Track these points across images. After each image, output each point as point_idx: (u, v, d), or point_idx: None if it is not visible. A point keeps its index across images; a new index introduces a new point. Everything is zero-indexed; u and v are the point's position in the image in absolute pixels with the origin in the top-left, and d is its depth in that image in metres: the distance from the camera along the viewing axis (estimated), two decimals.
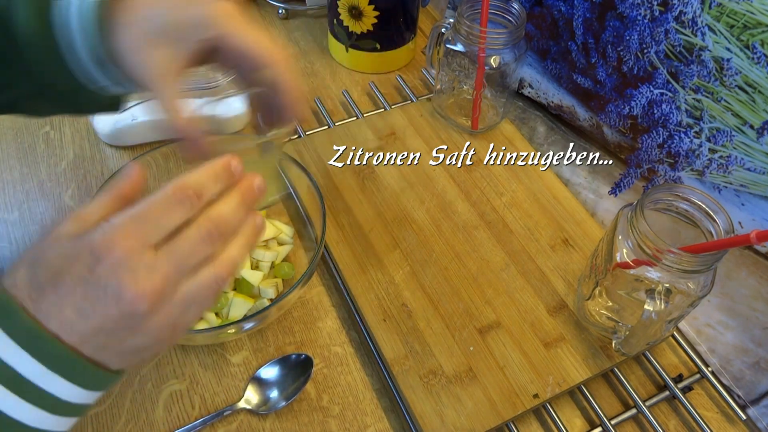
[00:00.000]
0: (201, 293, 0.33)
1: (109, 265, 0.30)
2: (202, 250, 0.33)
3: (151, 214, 0.32)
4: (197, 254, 0.33)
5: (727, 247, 0.42)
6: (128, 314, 0.31)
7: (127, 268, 0.31)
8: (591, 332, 0.54)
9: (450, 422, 0.49)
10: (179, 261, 0.32)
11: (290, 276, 0.57)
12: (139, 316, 0.31)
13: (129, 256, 0.31)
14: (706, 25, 0.51)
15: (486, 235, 0.61)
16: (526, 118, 0.73)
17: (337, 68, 0.81)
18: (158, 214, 0.32)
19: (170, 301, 0.32)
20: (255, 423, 0.50)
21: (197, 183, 0.33)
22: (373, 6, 0.72)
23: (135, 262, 0.31)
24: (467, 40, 0.63)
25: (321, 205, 0.53)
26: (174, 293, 0.32)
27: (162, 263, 0.32)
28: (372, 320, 0.54)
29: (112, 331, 0.32)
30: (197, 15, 0.39)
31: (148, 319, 0.32)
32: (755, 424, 0.52)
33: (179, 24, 0.39)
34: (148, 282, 0.31)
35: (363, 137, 0.69)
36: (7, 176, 0.66)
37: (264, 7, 0.89)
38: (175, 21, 0.39)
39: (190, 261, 0.33)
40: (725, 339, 0.54)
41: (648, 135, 0.59)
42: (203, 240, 0.33)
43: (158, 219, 0.32)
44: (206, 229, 0.33)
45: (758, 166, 0.51)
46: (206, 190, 0.34)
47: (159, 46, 0.38)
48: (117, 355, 0.33)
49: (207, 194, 0.34)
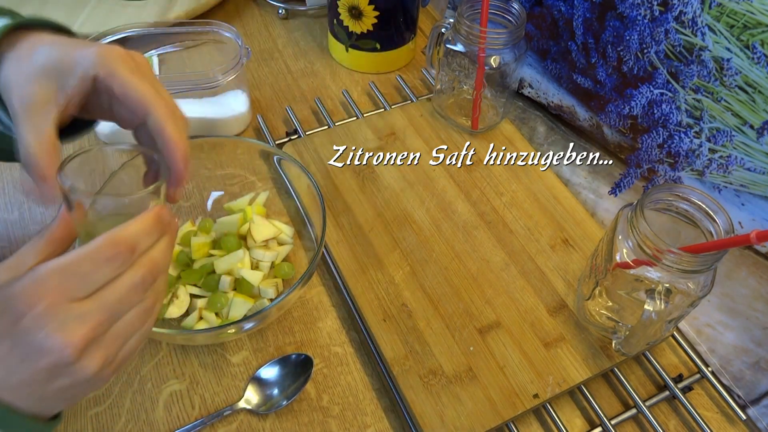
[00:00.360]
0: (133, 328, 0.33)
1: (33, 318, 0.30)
2: (134, 297, 0.33)
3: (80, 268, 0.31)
4: (129, 301, 0.32)
5: (727, 247, 0.42)
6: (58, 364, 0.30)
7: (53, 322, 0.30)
8: (591, 332, 0.54)
9: (450, 422, 0.49)
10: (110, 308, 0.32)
11: (290, 276, 0.57)
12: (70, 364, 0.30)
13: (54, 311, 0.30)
14: (706, 25, 0.51)
15: (486, 235, 0.61)
16: (526, 118, 0.73)
17: (337, 68, 0.81)
18: (87, 269, 0.31)
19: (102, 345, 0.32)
20: (255, 423, 0.50)
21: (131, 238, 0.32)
22: (373, 6, 0.72)
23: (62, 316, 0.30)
24: (467, 40, 0.63)
25: (321, 205, 0.53)
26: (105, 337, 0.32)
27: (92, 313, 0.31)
28: (372, 320, 0.54)
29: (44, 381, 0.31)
30: (85, 53, 0.37)
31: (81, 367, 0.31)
32: (755, 424, 0.52)
33: (65, 60, 0.37)
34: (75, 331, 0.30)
35: (363, 137, 0.69)
36: (7, 176, 0.66)
37: (264, 7, 0.89)
38: (62, 57, 0.37)
39: (123, 307, 0.32)
40: (725, 339, 0.54)
41: (648, 135, 0.59)
42: (136, 286, 0.32)
43: (87, 274, 0.31)
44: (141, 276, 0.33)
45: (758, 166, 0.51)
46: (139, 245, 0.33)
47: (41, 80, 0.37)
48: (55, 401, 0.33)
49: (140, 249, 0.33)
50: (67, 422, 0.49)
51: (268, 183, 0.63)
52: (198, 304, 0.54)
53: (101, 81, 0.37)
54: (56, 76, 0.37)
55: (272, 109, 0.75)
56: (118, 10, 0.80)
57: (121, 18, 0.79)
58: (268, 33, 0.86)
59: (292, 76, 0.79)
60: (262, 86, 0.78)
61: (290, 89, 0.78)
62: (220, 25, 0.68)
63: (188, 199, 0.61)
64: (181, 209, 0.60)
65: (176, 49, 0.74)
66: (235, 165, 0.61)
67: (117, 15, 0.80)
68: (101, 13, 0.80)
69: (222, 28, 0.68)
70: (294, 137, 0.69)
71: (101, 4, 0.81)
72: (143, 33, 0.68)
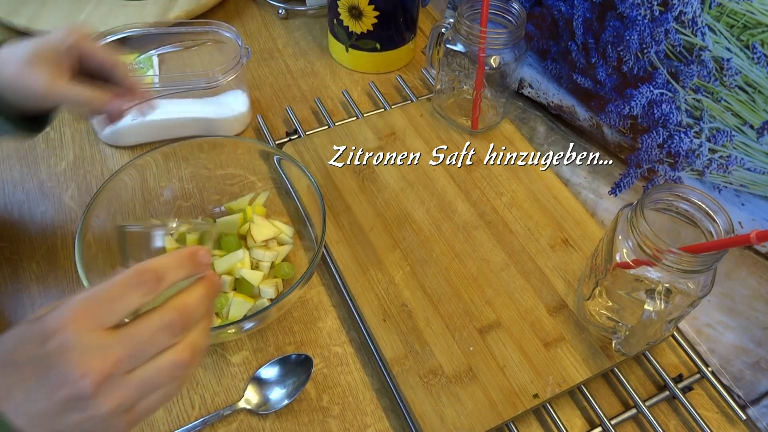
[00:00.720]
0: (159, 379, 0.32)
1: (58, 344, 0.30)
2: (162, 339, 0.32)
3: (107, 295, 0.31)
4: (156, 342, 0.32)
5: (727, 247, 0.42)
6: (74, 396, 0.30)
7: (76, 348, 0.30)
8: (591, 332, 0.54)
9: (450, 422, 0.49)
10: (135, 346, 0.31)
11: (290, 276, 0.57)
12: (86, 397, 0.30)
13: (79, 336, 0.30)
14: (706, 25, 0.51)
15: (486, 235, 0.61)
16: (526, 118, 0.73)
17: (337, 68, 0.81)
18: (114, 296, 0.31)
19: (121, 385, 0.31)
20: (255, 423, 0.50)
21: (159, 267, 0.32)
22: (373, 6, 0.72)
23: (85, 343, 0.30)
24: (467, 40, 0.63)
25: (321, 205, 0.53)
26: (127, 378, 0.31)
27: (115, 346, 0.30)
28: (372, 320, 0.54)
29: (59, 414, 0.30)
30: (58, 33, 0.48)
31: (97, 403, 0.30)
32: (755, 424, 0.52)
33: (46, 44, 0.47)
34: (96, 363, 0.30)
35: (363, 137, 0.69)
36: (7, 176, 0.66)
37: (264, 7, 0.89)
38: (42, 44, 0.47)
39: (148, 348, 0.32)
40: (725, 339, 0.54)
41: (648, 135, 0.59)
42: (164, 328, 0.32)
43: (113, 300, 0.31)
44: (170, 318, 0.32)
45: (758, 166, 0.51)
46: (168, 275, 0.33)
47: (39, 65, 0.46)
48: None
49: (168, 280, 0.33)
50: None
51: (268, 183, 0.63)
52: None
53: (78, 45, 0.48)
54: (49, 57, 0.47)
55: (272, 109, 0.75)
56: (118, 10, 0.80)
57: (121, 18, 0.79)
58: (268, 33, 0.86)
59: (292, 76, 0.79)
60: (262, 86, 0.78)
61: (290, 89, 0.78)
62: (220, 25, 0.68)
63: (188, 199, 0.61)
64: (181, 209, 0.60)
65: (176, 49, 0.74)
66: (235, 165, 0.61)
67: (117, 15, 0.80)
68: (101, 13, 0.80)
69: (222, 28, 0.68)
70: (294, 137, 0.69)
71: (101, 4, 0.81)
72: (143, 33, 0.68)
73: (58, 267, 0.59)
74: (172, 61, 0.75)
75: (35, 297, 0.57)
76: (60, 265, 0.59)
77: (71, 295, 0.31)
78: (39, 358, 0.30)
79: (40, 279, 0.58)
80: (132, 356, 0.31)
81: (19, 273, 0.58)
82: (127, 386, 0.31)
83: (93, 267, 0.49)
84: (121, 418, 0.31)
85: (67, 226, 0.62)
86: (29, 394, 0.30)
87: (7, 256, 0.60)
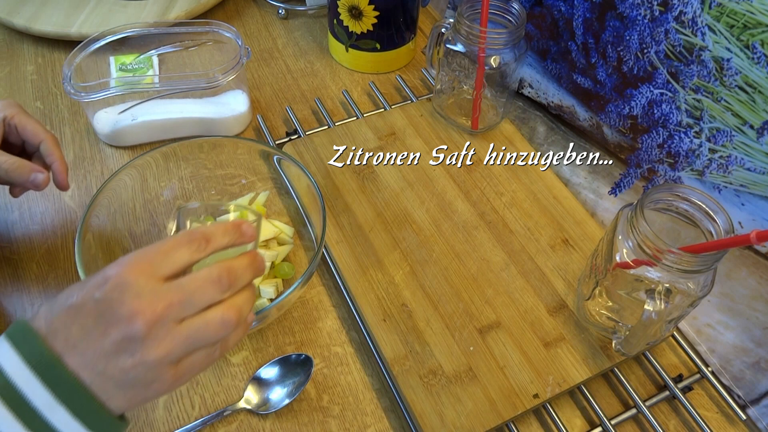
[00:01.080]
0: (206, 333, 0.34)
1: (115, 286, 0.32)
2: (210, 291, 0.34)
3: (162, 249, 0.34)
4: (205, 293, 0.34)
5: (727, 247, 0.42)
6: (126, 335, 0.32)
7: (132, 290, 0.32)
8: (591, 332, 0.54)
9: (450, 422, 0.49)
10: (186, 294, 0.34)
11: (290, 276, 0.57)
12: (138, 338, 0.32)
13: (135, 280, 0.33)
14: (706, 25, 0.51)
15: (486, 235, 0.61)
16: (526, 118, 0.73)
17: (337, 68, 0.81)
18: (168, 250, 0.34)
19: (171, 333, 0.33)
20: (255, 423, 0.50)
21: (208, 231, 0.36)
22: (373, 6, 0.72)
23: (140, 286, 0.33)
24: (467, 40, 0.63)
25: (321, 205, 0.53)
26: (177, 327, 0.33)
27: (167, 292, 0.33)
28: (372, 320, 0.54)
29: (111, 355, 0.32)
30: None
31: (147, 346, 0.32)
32: (755, 424, 0.52)
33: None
34: (149, 304, 0.32)
35: (363, 137, 0.69)
36: None
37: (264, 7, 0.89)
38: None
39: (197, 298, 0.34)
40: (725, 339, 0.54)
41: (648, 135, 0.59)
42: (213, 282, 0.35)
43: (167, 254, 0.34)
44: (218, 274, 0.35)
45: (758, 166, 0.51)
46: (215, 238, 0.36)
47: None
48: (116, 387, 0.33)
49: (215, 242, 0.36)
50: None
51: (268, 183, 0.63)
52: None
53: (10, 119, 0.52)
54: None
55: (272, 109, 0.75)
56: (118, 10, 0.80)
57: (121, 18, 0.79)
58: (268, 33, 0.86)
59: (292, 76, 0.79)
60: (262, 86, 0.78)
61: (290, 89, 0.78)
62: (220, 25, 0.68)
63: (188, 199, 0.61)
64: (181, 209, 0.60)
65: (176, 49, 0.74)
66: (235, 165, 0.61)
67: (117, 15, 0.80)
68: (101, 13, 0.80)
69: (222, 28, 0.68)
70: (294, 137, 0.69)
71: (101, 4, 0.81)
72: (143, 33, 0.68)
73: (58, 267, 0.59)
74: (172, 61, 0.75)
75: (35, 297, 0.57)
76: (60, 265, 0.59)
77: None
78: (97, 300, 0.32)
79: (40, 279, 0.58)
80: (183, 303, 0.33)
81: (19, 273, 0.58)
82: (177, 335, 0.33)
83: (93, 267, 0.49)
84: (168, 370, 0.33)
85: (67, 226, 0.62)
86: (86, 333, 0.32)
87: (7, 256, 0.60)
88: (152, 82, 0.69)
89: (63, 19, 0.78)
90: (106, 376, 0.33)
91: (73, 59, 0.63)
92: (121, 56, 0.71)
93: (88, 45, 0.65)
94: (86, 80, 0.64)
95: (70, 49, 0.65)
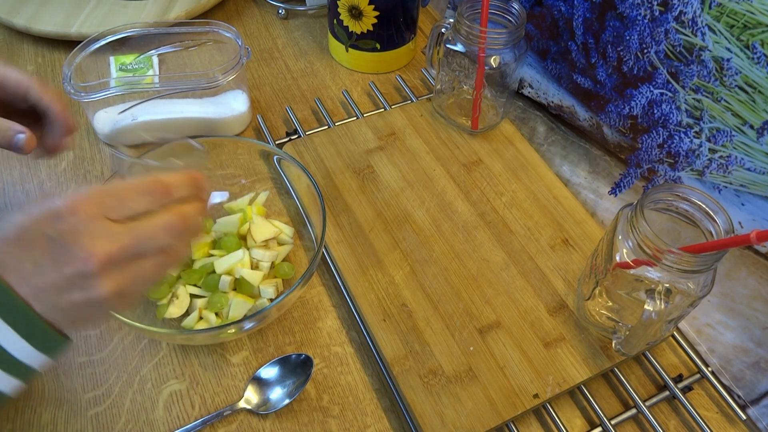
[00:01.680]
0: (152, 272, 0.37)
1: (70, 225, 0.33)
2: (162, 237, 0.36)
3: (121, 193, 0.35)
4: (157, 239, 0.36)
5: (727, 247, 0.42)
6: (80, 273, 0.33)
7: (87, 231, 0.34)
8: (591, 332, 0.54)
9: (450, 422, 0.49)
10: (139, 238, 0.35)
11: (290, 276, 0.57)
12: (90, 275, 0.34)
13: (90, 222, 0.34)
14: (706, 25, 0.51)
15: (486, 235, 0.61)
16: (526, 118, 0.73)
17: (337, 68, 0.81)
18: (126, 194, 0.36)
19: (122, 270, 0.35)
20: (255, 423, 0.50)
21: (168, 182, 0.37)
22: (373, 6, 0.72)
23: (95, 228, 0.34)
24: (467, 40, 0.63)
25: (321, 205, 0.53)
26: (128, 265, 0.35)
27: (121, 235, 0.35)
28: (372, 320, 0.54)
29: (64, 289, 0.34)
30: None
31: (99, 284, 0.34)
32: (755, 424, 0.52)
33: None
34: (104, 246, 0.34)
35: (363, 137, 0.69)
36: (7, 176, 0.66)
37: (264, 7, 0.89)
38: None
39: (149, 243, 0.36)
40: (725, 339, 0.54)
41: (648, 135, 0.59)
42: (166, 228, 0.36)
43: (125, 198, 0.35)
44: (169, 220, 0.37)
45: (758, 166, 0.51)
46: (175, 190, 0.37)
47: None
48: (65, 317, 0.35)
49: (175, 194, 0.37)
50: (67, 422, 0.49)
51: (268, 183, 0.63)
52: (198, 304, 0.54)
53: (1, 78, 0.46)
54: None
55: (272, 109, 0.75)
56: (118, 10, 0.80)
57: (121, 18, 0.79)
58: (268, 33, 0.86)
59: (292, 76, 0.79)
60: (262, 86, 0.78)
61: (290, 89, 0.78)
62: (220, 25, 0.68)
63: None
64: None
65: (176, 49, 0.74)
66: (235, 165, 0.61)
67: (117, 15, 0.80)
68: (101, 13, 0.80)
69: (222, 28, 0.68)
70: (294, 137, 0.69)
71: (101, 4, 0.81)
72: (143, 33, 0.68)
73: None
74: (172, 61, 0.75)
75: None
76: None
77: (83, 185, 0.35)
78: (51, 237, 0.33)
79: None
80: (135, 246, 0.35)
81: None
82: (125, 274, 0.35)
83: None
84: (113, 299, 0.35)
85: None
86: (38, 268, 0.33)
87: None
88: (152, 82, 0.69)
89: (63, 19, 0.78)
90: (57, 308, 0.34)
91: (73, 59, 0.63)
92: (121, 56, 0.70)
93: (88, 45, 0.65)
94: (86, 80, 0.64)
95: (70, 49, 0.65)
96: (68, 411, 0.50)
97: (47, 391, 0.51)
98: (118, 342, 0.54)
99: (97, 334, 0.54)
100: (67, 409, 0.50)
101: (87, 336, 0.54)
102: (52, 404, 0.50)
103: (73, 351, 0.53)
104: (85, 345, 0.54)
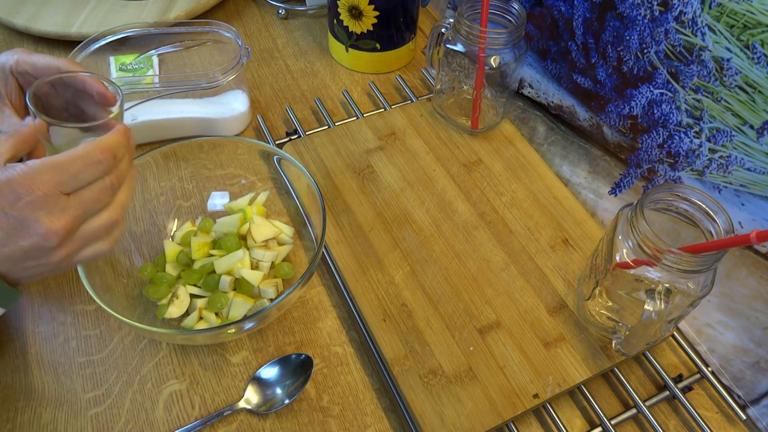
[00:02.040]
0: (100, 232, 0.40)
1: (29, 202, 0.36)
2: (104, 198, 0.40)
3: (72, 166, 0.37)
4: (100, 201, 0.39)
5: (727, 247, 0.42)
6: (39, 247, 0.37)
7: (44, 209, 0.36)
8: (591, 332, 0.54)
9: (450, 422, 0.49)
10: (86, 206, 0.38)
11: (290, 276, 0.57)
12: (48, 249, 0.37)
13: (47, 198, 0.36)
14: (706, 25, 0.51)
15: (486, 235, 0.61)
16: (526, 118, 0.73)
17: (337, 68, 0.81)
18: (78, 168, 0.37)
19: (74, 239, 0.39)
20: (255, 423, 0.50)
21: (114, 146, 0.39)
22: (373, 6, 0.72)
23: (52, 205, 0.36)
24: (467, 40, 0.63)
25: (321, 205, 0.53)
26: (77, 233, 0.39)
27: (72, 206, 0.38)
28: (372, 320, 0.54)
29: (19, 260, 0.38)
30: None
31: (53, 253, 0.38)
32: (755, 424, 0.52)
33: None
34: (60, 221, 0.37)
35: (363, 137, 0.69)
36: None
37: (264, 7, 0.89)
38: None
39: (94, 206, 0.39)
40: (725, 339, 0.54)
41: (648, 135, 0.59)
42: (106, 190, 0.39)
43: (77, 172, 0.37)
44: (110, 182, 0.39)
45: (758, 166, 0.51)
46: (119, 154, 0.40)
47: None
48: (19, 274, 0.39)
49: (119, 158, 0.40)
50: (67, 422, 0.49)
51: (268, 183, 0.63)
52: (198, 304, 0.54)
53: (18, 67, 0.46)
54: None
55: (272, 109, 0.75)
56: (118, 10, 0.80)
57: (121, 18, 0.79)
58: (268, 33, 0.86)
59: (292, 76, 0.79)
60: (262, 86, 0.78)
61: (290, 89, 0.78)
62: (220, 25, 0.68)
63: (188, 199, 0.61)
64: (181, 209, 0.60)
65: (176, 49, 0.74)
66: (235, 165, 0.61)
67: (117, 15, 0.80)
68: (101, 13, 0.80)
69: (222, 28, 0.68)
70: (294, 137, 0.69)
71: (101, 4, 0.81)
72: (143, 33, 0.68)
73: None
74: (172, 61, 0.75)
75: (35, 297, 0.57)
76: None
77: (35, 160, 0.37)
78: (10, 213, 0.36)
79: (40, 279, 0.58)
80: (83, 215, 0.39)
81: None
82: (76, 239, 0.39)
83: (93, 266, 0.50)
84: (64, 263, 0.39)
85: None
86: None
87: None
88: (152, 82, 0.69)
89: (63, 19, 0.78)
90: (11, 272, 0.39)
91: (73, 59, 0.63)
92: (121, 56, 0.71)
93: (88, 45, 0.65)
94: None
95: (70, 49, 0.65)
96: (68, 411, 0.50)
97: (47, 391, 0.51)
98: (118, 342, 0.54)
99: (97, 334, 0.54)
100: (67, 409, 0.50)
101: (87, 336, 0.54)
102: (52, 404, 0.50)
103: (74, 351, 0.53)
104: (85, 345, 0.54)
